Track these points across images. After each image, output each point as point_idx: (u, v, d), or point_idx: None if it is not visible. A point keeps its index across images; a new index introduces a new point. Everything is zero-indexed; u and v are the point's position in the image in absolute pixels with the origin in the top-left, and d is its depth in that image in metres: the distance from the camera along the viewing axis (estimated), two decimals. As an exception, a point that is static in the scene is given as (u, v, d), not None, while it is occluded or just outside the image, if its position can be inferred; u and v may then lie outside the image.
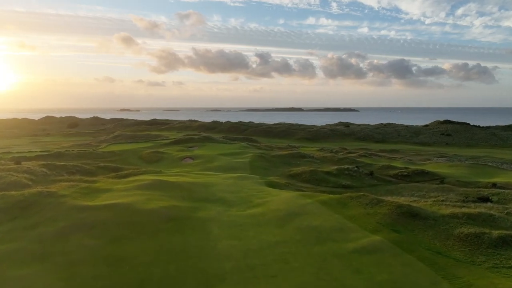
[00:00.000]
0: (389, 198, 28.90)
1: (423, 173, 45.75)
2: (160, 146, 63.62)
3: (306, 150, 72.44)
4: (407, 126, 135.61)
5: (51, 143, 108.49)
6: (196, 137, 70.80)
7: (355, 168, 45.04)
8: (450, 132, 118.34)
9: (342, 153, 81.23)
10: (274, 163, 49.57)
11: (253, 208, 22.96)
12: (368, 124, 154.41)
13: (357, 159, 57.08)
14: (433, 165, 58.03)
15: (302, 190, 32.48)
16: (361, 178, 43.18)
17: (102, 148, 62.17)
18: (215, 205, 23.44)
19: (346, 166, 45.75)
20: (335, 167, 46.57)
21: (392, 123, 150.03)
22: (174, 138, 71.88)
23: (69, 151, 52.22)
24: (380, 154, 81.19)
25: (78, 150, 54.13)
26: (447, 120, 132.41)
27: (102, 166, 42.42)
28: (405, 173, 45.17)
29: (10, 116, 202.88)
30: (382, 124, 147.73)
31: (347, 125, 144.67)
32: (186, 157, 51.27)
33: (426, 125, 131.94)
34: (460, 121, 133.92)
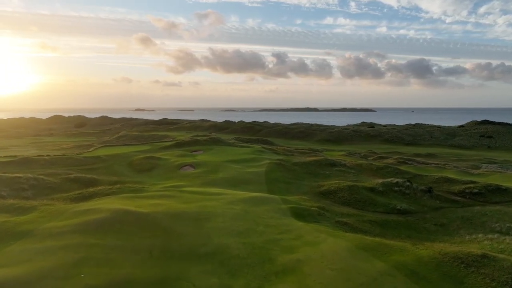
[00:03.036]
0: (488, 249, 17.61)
1: (499, 190, 33.97)
2: (158, 149, 53.35)
3: (332, 155, 61.18)
4: (439, 127, 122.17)
5: (51, 143, 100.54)
6: (202, 139, 60.31)
7: (407, 183, 33.61)
8: (491, 134, 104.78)
9: (372, 158, 70.01)
10: (297, 174, 38.54)
11: (277, 281, 12.11)
12: (395, 125, 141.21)
13: (399, 168, 45.54)
14: (496, 176, 45.99)
15: (347, 225, 21.39)
16: (417, 197, 31.75)
17: (88, 152, 52.38)
18: (206, 272, 12.68)
19: (394, 180, 34.34)
20: (379, 180, 35.22)
21: (421, 124, 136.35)
22: (176, 140, 61.56)
23: (42, 156, 42.47)
24: (417, 159, 69.37)
25: (54, 155, 44.33)
26: (485, 120, 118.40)
27: (72, 178, 32.31)
28: (476, 190, 33.49)
29: (25, 116, 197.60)
30: (410, 124, 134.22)
31: (371, 125, 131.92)
32: (186, 165, 40.75)
33: (462, 126, 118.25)
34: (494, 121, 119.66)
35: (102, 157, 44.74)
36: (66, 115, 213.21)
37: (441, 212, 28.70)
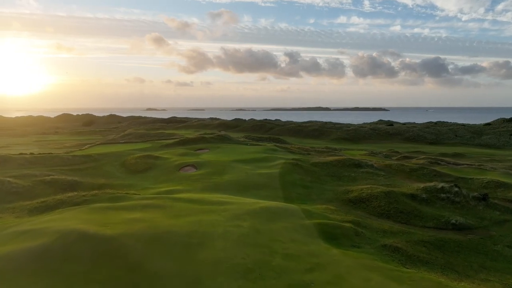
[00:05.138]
0: None
1: None
2: (159, 147, 47.87)
3: (353, 155, 54.88)
4: (463, 125, 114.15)
5: (54, 142, 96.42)
6: (208, 136, 54.64)
7: (456, 189, 27.22)
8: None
9: (396, 157, 63.57)
10: (318, 177, 32.50)
11: None
12: (414, 123, 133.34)
13: (436, 169, 39.09)
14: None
15: (399, 251, 15.27)
16: (470, 207, 25.38)
17: (80, 150, 47.27)
18: None
19: (438, 185, 27.97)
20: (419, 185, 28.94)
21: (444, 122, 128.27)
22: (180, 138, 56.02)
23: (23, 154, 37.32)
24: (445, 159, 62.53)
25: (39, 154, 39.17)
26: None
27: (48, 181, 26.96)
28: (542, 198, 26.93)
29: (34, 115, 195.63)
30: (431, 122, 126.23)
31: (390, 123, 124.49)
32: (187, 165, 35.07)
33: (488, 124, 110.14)
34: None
35: (93, 156, 39.42)
36: (75, 113, 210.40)
37: (508, 227, 22.32)
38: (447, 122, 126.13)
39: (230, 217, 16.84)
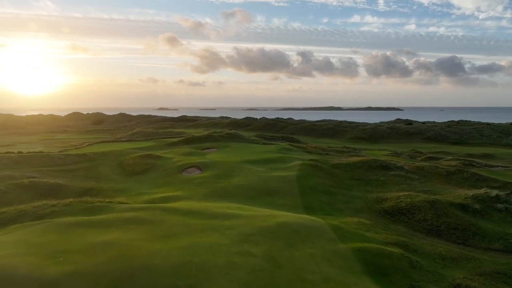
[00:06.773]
0: None
1: None
2: (162, 146, 43.84)
3: (375, 155, 49.94)
4: (488, 124, 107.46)
5: (60, 140, 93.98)
6: (216, 134, 50.40)
7: (514, 197, 22.27)
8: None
9: (420, 158, 58.43)
10: (342, 180, 27.84)
11: None
12: (434, 122, 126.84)
13: (476, 172, 33.97)
14: None
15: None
16: (536, 220, 20.42)
17: (76, 149, 43.53)
18: None
19: (492, 192, 23.06)
20: (466, 192, 24.03)
21: (467, 121, 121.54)
22: (185, 136, 51.86)
23: (10, 153, 33.66)
24: (476, 160, 57.04)
25: (28, 152, 35.43)
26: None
27: (25, 185, 23.01)
28: None
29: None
30: (453, 121, 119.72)
31: (409, 122, 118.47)
32: (191, 166, 30.83)
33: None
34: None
35: (89, 155, 35.53)
36: (85, 112, 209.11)
37: None
38: (470, 121, 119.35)
39: (237, 239, 12.44)
